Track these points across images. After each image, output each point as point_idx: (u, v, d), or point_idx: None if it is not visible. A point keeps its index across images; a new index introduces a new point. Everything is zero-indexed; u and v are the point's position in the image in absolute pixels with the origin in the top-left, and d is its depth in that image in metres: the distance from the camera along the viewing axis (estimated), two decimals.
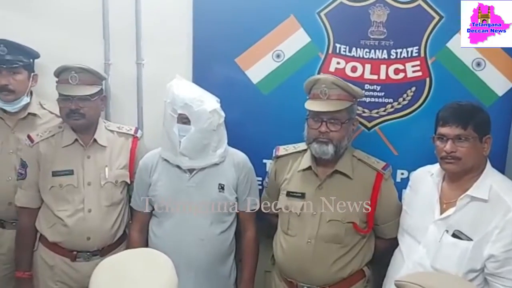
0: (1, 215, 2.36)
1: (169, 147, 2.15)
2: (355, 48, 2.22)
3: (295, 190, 2.05)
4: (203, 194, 2.13)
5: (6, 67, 2.26)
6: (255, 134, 2.36)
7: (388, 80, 2.22)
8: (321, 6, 2.22)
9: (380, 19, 2.18)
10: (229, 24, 2.31)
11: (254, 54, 2.31)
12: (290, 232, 2.04)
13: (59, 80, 2.16)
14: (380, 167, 2.03)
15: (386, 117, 2.26)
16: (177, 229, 2.13)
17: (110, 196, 2.21)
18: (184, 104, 2.07)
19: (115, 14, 2.41)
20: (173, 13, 2.37)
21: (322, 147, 1.95)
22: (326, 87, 1.94)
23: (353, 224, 1.98)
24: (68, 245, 2.17)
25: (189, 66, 2.38)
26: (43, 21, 2.44)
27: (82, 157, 2.20)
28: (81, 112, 2.13)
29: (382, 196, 2.01)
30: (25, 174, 2.19)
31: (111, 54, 2.45)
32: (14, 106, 2.32)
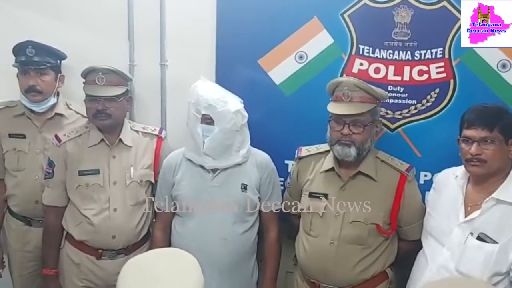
0: (28, 213, 2.42)
1: (192, 147, 2.17)
2: (378, 49, 2.21)
3: (318, 191, 2.05)
4: (226, 194, 2.15)
5: (34, 68, 2.30)
6: (278, 134, 2.37)
7: (411, 82, 2.21)
8: (345, 7, 2.21)
9: (404, 20, 2.17)
10: (252, 25, 2.32)
11: (277, 55, 2.32)
12: (312, 233, 2.05)
13: (86, 81, 2.19)
14: (404, 168, 2.02)
15: (410, 119, 2.24)
16: (200, 229, 2.15)
17: (135, 196, 2.24)
18: (208, 105, 2.09)
19: (140, 16, 2.45)
20: (196, 15, 2.40)
21: (344, 149, 1.95)
22: (349, 89, 1.94)
23: (376, 225, 1.97)
24: (94, 243, 2.21)
25: (212, 67, 2.40)
26: (69, 23, 2.49)
27: (108, 156, 2.23)
28: (108, 112, 2.16)
29: (405, 198, 2.00)
30: (52, 173, 2.23)
31: (135, 56, 2.48)
32: (41, 106, 2.36)
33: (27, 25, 2.48)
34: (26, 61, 2.29)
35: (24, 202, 2.39)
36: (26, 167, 2.38)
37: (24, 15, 2.50)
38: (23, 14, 2.51)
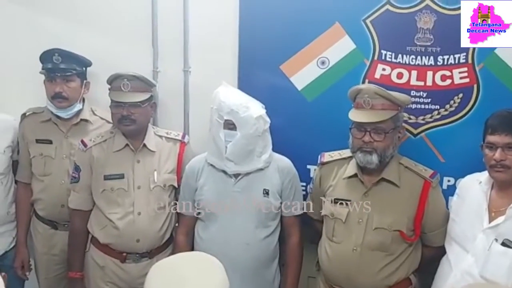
0: (54, 217, 2.46)
1: (215, 152, 2.19)
2: (401, 55, 2.20)
3: (341, 197, 2.05)
4: (248, 198, 2.16)
5: (60, 75, 2.34)
6: (300, 140, 2.38)
7: (434, 87, 2.20)
8: (367, 13, 2.21)
9: (426, 26, 2.16)
10: (274, 31, 2.33)
11: (299, 61, 2.32)
12: (335, 239, 2.05)
13: (112, 87, 2.22)
14: (428, 175, 2.01)
15: (433, 124, 2.23)
16: (222, 233, 2.16)
17: (158, 200, 2.26)
18: (231, 110, 2.11)
19: (163, 23, 2.48)
20: (219, 21, 2.42)
21: (366, 157, 1.95)
22: (369, 97, 1.94)
23: (400, 232, 1.96)
24: (118, 247, 2.24)
25: (235, 73, 2.41)
26: (95, 30, 2.53)
27: (132, 161, 2.26)
28: (132, 118, 2.19)
29: (429, 204, 1.99)
30: (78, 177, 2.27)
31: (159, 62, 2.52)
32: (67, 112, 2.40)
33: (54, 33, 2.53)
34: (52, 68, 2.33)
35: (50, 206, 2.43)
36: (52, 172, 2.42)
37: (51, 23, 2.55)
38: (50, 22, 2.55)
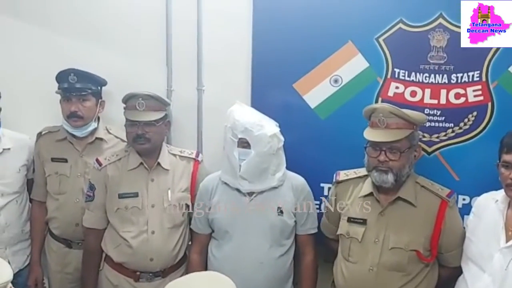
0: (68, 236, 2.46)
1: (229, 171, 2.19)
2: (414, 73, 2.22)
3: (357, 216, 2.04)
4: (262, 217, 2.15)
5: (76, 94, 2.36)
6: (313, 158, 2.38)
7: (448, 105, 2.21)
8: (380, 31, 2.23)
9: (440, 44, 2.17)
10: (287, 50, 2.35)
11: (312, 79, 2.34)
12: (351, 258, 2.03)
13: (127, 106, 2.24)
14: (444, 194, 1.99)
15: (447, 142, 2.24)
16: (236, 252, 2.16)
17: (172, 218, 2.26)
18: (245, 129, 2.11)
19: (177, 43, 2.51)
20: (232, 40, 2.44)
21: (381, 176, 1.94)
22: (384, 116, 1.94)
23: (417, 252, 1.95)
24: (132, 266, 2.23)
25: (248, 91, 2.43)
26: (110, 50, 2.56)
27: (147, 180, 2.26)
28: (147, 136, 2.19)
29: (446, 224, 1.97)
30: (93, 196, 2.27)
31: (173, 81, 2.54)
32: (82, 131, 2.42)
33: (70, 53, 2.56)
34: (68, 88, 2.36)
35: (64, 225, 2.44)
36: (67, 190, 2.43)
37: (67, 43, 2.58)
38: (66, 42, 2.58)
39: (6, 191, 2.39)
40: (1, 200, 2.37)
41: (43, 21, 2.60)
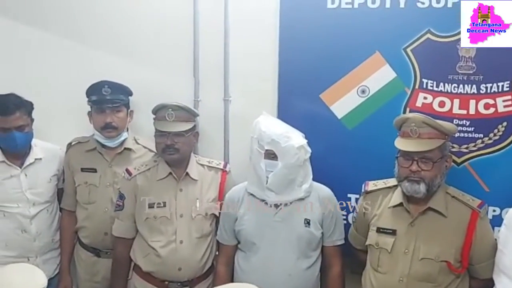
0: (97, 245, 2.49)
1: (255, 182, 2.19)
2: (443, 83, 2.20)
3: (386, 226, 2.03)
4: (289, 229, 2.15)
5: (110, 106, 2.40)
6: (340, 168, 2.37)
7: (478, 115, 2.18)
8: (407, 42, 2.22)
9: (468, 54, 2.15)
10: (314, 60, 2.35)
11: (339, 89, 2.34)
12: (380, 269, 2.02)
13: (157, 117, 2.26)
14: (475, 205, 1.97)
15: (476, 153, 2.21)
16: (264, 264, 2.15)
17: (200, 228, 2.27)
18: (271, 140, 2.11)
19: (204, 54, 2.54)
20: (259, 51, 2.46)
21: (413, 186, 1.93)
22: (416, 126, 1.92)
23: (447, 263, 1.92)
24: (160, 275, 2.25)
25: (274, 102, 2.44)
26: (138, 61, 2.61)
27: (175, 190, 2.28)
28: (176, 147, 2.22)
29: (477, 235, 1.94)
30: (122, 205, 2.30)
31: (200, 91, 2.57)
32: (114, 141, 2.45)
33: (98, 64, 2.62)
34: (101, 100, 2.40)
35: (94, 234, 2.47)
36: (96, 200, 2.46)
37: (96, 55, 2.65)
38: (95, 53, 2.65)
39: (37, 201, 2.43)
40: (33, 209, 2.41)
41: (74, 35, 2.67)
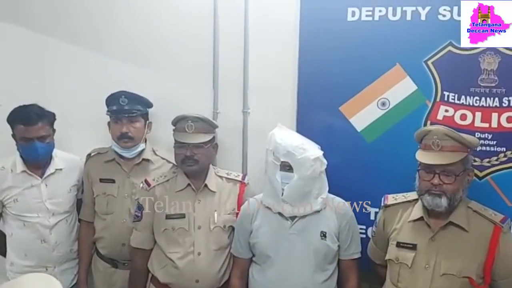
0: (115, 256, 2.49)
1: (271, 194, 2.17)
2: (464, 96, 2.18)
3: (406, 241, 1.99)
4: (305, 241, 2.12)
5: (126, 116, 2.42)
6: (359, 182, 2.35)
7: (500, 129, 2.15)
8: (428, 54, 2.21)
9: (491, 67, 2.13)
10: (334, 73, 2.35)
11: (359, 102, 2.33)
12: (400, 285, 1.98)
13: (176, 128, 2.27)
14: (498, 219, 1.93)
15: (499, 167, 2.18)
16: (279, 277, 2.12)
17: (218, 240, 2.26)
18: (287, 152, 2.10)
19: (224, 65, 2.54)
20: (278, 63, 2.46)
21: (435, 200, 1.90)
22: (438, 138, 1.90)
23: (469, 279, 1.88)
24: (178, 287, 2.23)
25: (293, 114, 2.44)
26: (157, 73, 2.62)
27: (193, 201, 2.28)
28: (195, 158, 2.22)
29: (500, 251, 1.90)
30: (141, 216, 2.30)
31: (219, 103, 2.57)
32: (131, 152, 2.46)
33: (118, 76, 2.63)
34: (118, 110, 2.41)
35: (111, 245, 2.47)
36: (114, 210, 2.47)
37: (116, 66, 2.66)
38: (115, 65, 2.66)
39: (57, 211, 2.45)
40: (52, 219, 2.43)
41: (96, 47, 2.70)
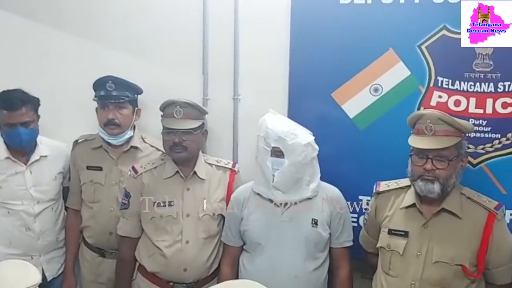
0: (102, 245, 2.45)
1: (262, 181, 2.14)
2: (458, 81, 2.14)
3: (398, 228, 1.96)
4: (296, 229, 2.09)
5: (113, 102, 2.36)
6: (351, 169, 2.32)
7: (495, 115, 2.12)
8: (422, 39, 2.17)
9: (486, 51, 2.09)
10: (326, 59, 2.31)
11: (351, 88, 2.29)
12: (391, 272, 1.95)
13: (164, 114, 2.22)
14: (492, 206, 1.89)
15: (493, 154, 2.14)
16: (270, 265, 2.09)
17: (207, 229, 2.23)
18: (278, 138, 2.07)
19: (214, 52, 2.50)
20: (269, 49, 2.42)
21: (427, 185, 1.86)
22: (432, 122, 1.86)
23: (462, 267, 1.85)
24: (165, 276, 2.20)
25: (285, 101, 2.40)
26: (147, 59, 2.58)
27: (182, 189, 2.23)
28: (184, 145, 2.17)
29: (494, 238, 1.86)
30: (128, 204, 2.26)
31: (209, 90, 2.53)
32: (118, 139, 2.41)
33: (106, 61, 2.59)
34: (105, 95, 2.36)
35: (98, 234, 2.43)
36: (101, 198, 2.42)
37: (104, 52, 2.62)
38: (103, 50, 2.62)
39: (42, 198, 2.40)
40: (37, 207, 2.39)
41: (82, 31, 2.65)
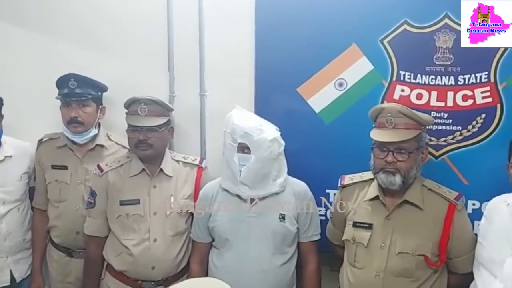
0: (69, 244, 2.42)
1: (229, 177, 2.15)
2: (420, 75, 2.18)
3: (362, 220, 1.99)
4: (263, 224, 2.10)
5: (75, 100, 2.33)
6: (318, 163, 2.34)
7: (456, 107, 2.16)
8: (384, 33, 2.19)
9: (446, 45, 2.13)
10: (291, 54, 2.32)
11: (316, 83, 2.31)
12: (357, 264, 1.98)
13: (129, 111, 2.21)
14: (452, 197, 1.93)
15: (455, 145, 2.19)
16: (238, 260, 2.11)
17: (175, 226, 2.22)
18: (244, 133, 2.07)
19: (179, 48, 2.49)
20: (235, 45, 2.42)
21: (389, 178, 1.89)
22: (392, 116, 1.89)
23: (424, 257, 1.89)
24: (133, 274, 2.19)
25: (251, 97, 2.41)
26: (111, 56, 2.56)
27: (149, 186, 2.22)
28: (149, 142, 2.16)
29: (455, 228, 1.91)
30: (94, 203, 2.24)
31: (175, 87, 2.52)
32: (82, 137, 2.39)
33: (70, 59, 2.55)
34: (68, 93, 2.33)
35: (65, 233, 2.41)
36: (67, 198, 2.40)
37: (67, 49, 2.58)
38: (66, 48, 2.58)
39: (7, 199, 2.37)
40: (2, 208, 2.35)
41: (44, 28, 2.61)
